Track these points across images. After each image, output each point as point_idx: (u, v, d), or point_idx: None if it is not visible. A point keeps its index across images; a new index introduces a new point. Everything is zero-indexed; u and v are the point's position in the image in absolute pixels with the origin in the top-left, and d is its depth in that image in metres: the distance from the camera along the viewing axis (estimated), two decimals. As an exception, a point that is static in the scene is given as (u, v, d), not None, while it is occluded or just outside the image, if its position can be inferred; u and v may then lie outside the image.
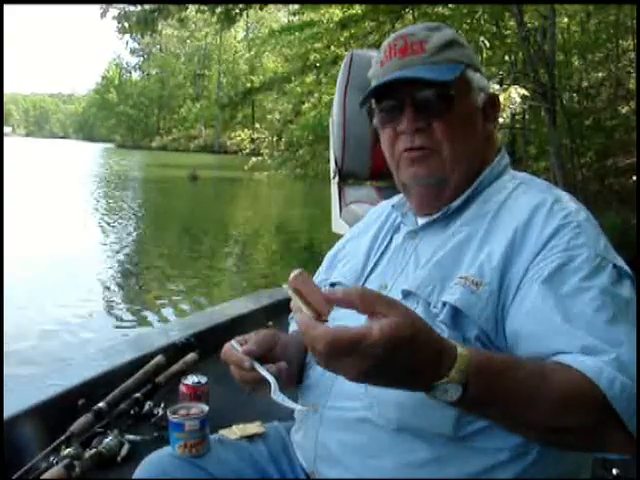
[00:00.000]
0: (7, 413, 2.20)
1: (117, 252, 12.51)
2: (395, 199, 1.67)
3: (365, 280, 1.54)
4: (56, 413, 2.33)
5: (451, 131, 1.44)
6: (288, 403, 1.29)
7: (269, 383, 1.32)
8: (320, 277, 1.74)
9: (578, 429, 1.12)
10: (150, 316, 8.24)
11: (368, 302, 1.02)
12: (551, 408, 1.10)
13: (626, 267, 1.31)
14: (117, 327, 7.72)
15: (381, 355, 0.98)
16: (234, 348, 1.43)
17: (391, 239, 1.59)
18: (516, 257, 1.30)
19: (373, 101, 1.53)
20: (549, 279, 1.24)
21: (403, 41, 1.48)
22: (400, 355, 0.99)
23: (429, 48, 1.46)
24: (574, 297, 1.22)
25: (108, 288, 9.58)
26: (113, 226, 16.05)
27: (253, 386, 1.40)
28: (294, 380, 1.54)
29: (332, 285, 1.62)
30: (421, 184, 1.50)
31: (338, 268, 1.66)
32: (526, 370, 1.12)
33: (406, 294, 1.38)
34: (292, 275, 1.11)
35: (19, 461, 2.10)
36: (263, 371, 1.36)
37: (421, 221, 1.54)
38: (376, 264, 1.56)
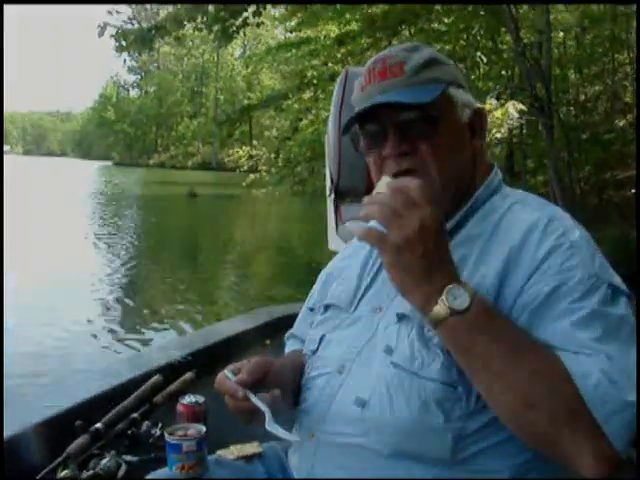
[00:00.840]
0: (4, 434, 2.19)
1: (117, 271, 12.51)
2: None
3: (359, 302, 1.52)
4: (53, 434, 2.31)
5: (437, 151, 1.42)
6: (283, 434, 1.29)
7: (263, 414, 1.32)
8: (314, 298, 1.75)
9: (548, 415, 1.14)
10: (150, 335, 8.23)
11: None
12: (527, 373, 1.15)
13: (622, 285, 1.30)
14: (118, 343, 7.72)
15: (419, 226, 1.17)
16: (227, 377, 1.42)
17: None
18: (510, 278, 1.30)
19: (357, 126, 1.51)
20: (540, 306, 1.25)
21: (382, 64, 1.46)
22: (431, 239, 1.18)
23: (408, 69, 1.44)
24: (561, 319, 1.22)
25: (107, 307, 9.55)
26: (112, 245, 16.03)
27: (248, 416, 1.40)
28: (290, 404, 1.53)
29: (326, 307, 1.62)
30: None
31: (332, 288, 1.65)
32: (519, 330, 1.22)
33: (401, 317, 1.37)
34: None
35: (16, 483, 2.08)
36: (257, 402, 1.36)
37: None
38: (369, 285, 1.54)
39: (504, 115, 10.73)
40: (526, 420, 1.17)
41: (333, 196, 3.06)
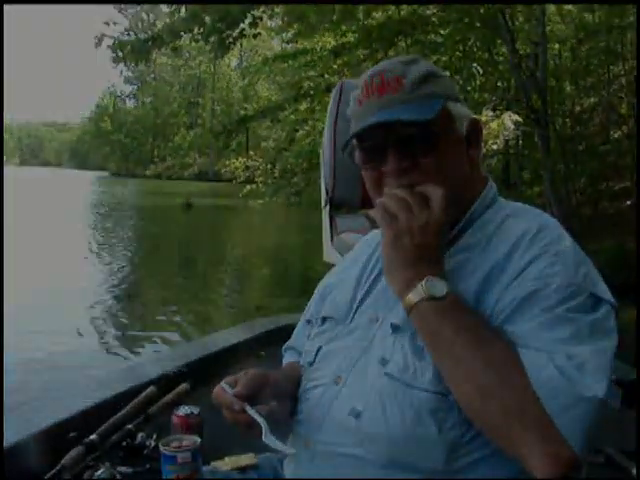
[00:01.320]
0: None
1: (112, 282, 12.48)
2: None
3: (355, 311, 1.52)
4: (48, 446, 2.30)
5: (438, 166, 1.41)
6: (279, 446, 1.30)
7: (260, 426, 1.33)
8: (311, 310, 1.75)
9: (500, 405, 1.16)
10: (144, 346, 8.20)
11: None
12: (484, 362, 1.20)
13: (606, 296, 1.30)
14: (112, 355, 7.70)
15: (424, 223, 1.32)
16: (225, 390, 1.42)
17: (381, 270, 1.53)
18: (494, 286, 1.32)
19: (354, 140, 1.50)
20: (515, 308, 1.27)
21: (380, 78, 1.44)
22: (430, 237, 1.32)
23: (407, 84, 1.42)
24: (530, 321, 1.24)
25: (103, 318, 9.53)
26: (107, 256, 16.01)
27: (246, 428, 1.40)
28: (287, 416, 1.53)
29: (323, 319, 1.62)
30: None
31: (329, 301, 1.65)
32: (486, 325, 1.27)
33: (395, 328, 1.38)
34: None
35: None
36: (254, 414, 1.36)
37: None
38: (366, 295, 1.54)
39: (500, 126, 10.76)
40: (480, 409, 1.19)
41: (328, 207, 3.07)
